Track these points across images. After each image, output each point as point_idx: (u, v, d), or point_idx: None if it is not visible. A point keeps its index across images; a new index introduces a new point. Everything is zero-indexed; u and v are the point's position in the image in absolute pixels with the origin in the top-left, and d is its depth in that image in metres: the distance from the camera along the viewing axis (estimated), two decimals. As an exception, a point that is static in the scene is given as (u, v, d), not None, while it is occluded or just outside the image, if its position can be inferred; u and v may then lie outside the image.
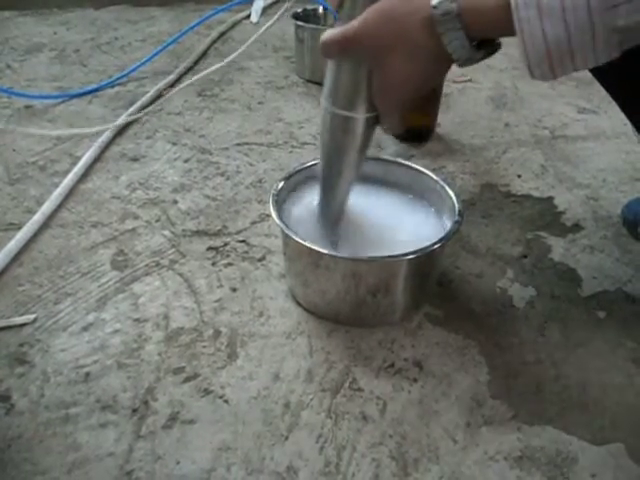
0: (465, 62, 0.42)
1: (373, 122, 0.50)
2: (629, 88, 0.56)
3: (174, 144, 0.90)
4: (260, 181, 0.81)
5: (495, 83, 1.15)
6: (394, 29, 0.42)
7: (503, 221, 0.73)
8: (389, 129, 0.50)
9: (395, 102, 0.46)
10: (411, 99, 0.46)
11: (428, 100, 0.89)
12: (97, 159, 0.85)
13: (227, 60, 0.91)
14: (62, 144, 0.90)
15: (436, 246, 0.52)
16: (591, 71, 0.59)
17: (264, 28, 1.02)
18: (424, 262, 0.55)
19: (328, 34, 0.45)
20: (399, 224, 0.60)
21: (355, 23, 0.43)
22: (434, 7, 0.40)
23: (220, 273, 0.64)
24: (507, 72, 1.20)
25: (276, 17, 1.14)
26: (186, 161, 0.86)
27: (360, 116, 0.49)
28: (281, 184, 0.59)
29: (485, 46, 0.42)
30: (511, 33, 0.38)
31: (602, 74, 0.59)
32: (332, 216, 0.58)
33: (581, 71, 0.39)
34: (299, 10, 1.17)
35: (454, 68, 0.47)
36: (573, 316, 0.58)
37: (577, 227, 0.72)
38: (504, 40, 0.43)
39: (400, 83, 0.44)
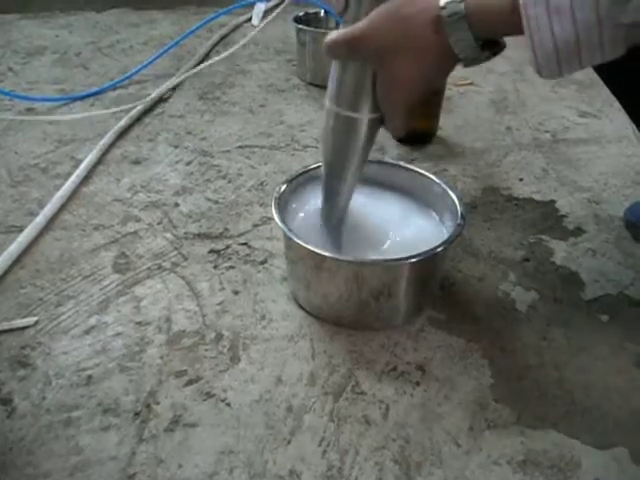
0: (471, 62, 0.43)
1: (377, 123, 0.50)
2: (633, 87, 0.56)
3: (176, 147, 0.90)
4: (262, 184, 0.81)
5: (496, 86, 1.15)
6: (401, 30, 0.42)
7: (505, 224, 0.73)
8: (393, 130, 0.50)
9: (400, 103, 0.46)
10: (415, 100, 0.46)
11: (430, 103, 0.89)
12: (99, 162, 0.85)
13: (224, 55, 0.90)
14: (64, 146, 0.90)
15: (439, 249, 0.52)
16: (595, 70, 0.59)
17: (262, 24, 1.02)
18: (427, 265, 0.55)
19: (334, 35, 0.45)
20: (400, 227, 0.60)
21: (361, 24, 0.44)
22: (442, 8, 0.40)
23: (222, 276, 0.63)
24: (508, 75, 1.20)
25: (274, 14, 1.15)
26: (188, 164, 0.86)
27: (364, 117, 0.49)
28: (283, 187, 0.59)
29: (491, 46, 0.43)
30: (519, 32, 0.38)
31: (606, 73, 0.59)
32: (335, 217, 0.58)
33: (583, 73, 0.39)
34: (301, 13, 1.18)
35: (455, 72, 0.47)
36: (576, 320, 0.58)
37: (579, 230, 0.72)
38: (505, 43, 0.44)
39: (405, 84, 0.45)
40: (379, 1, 0.44)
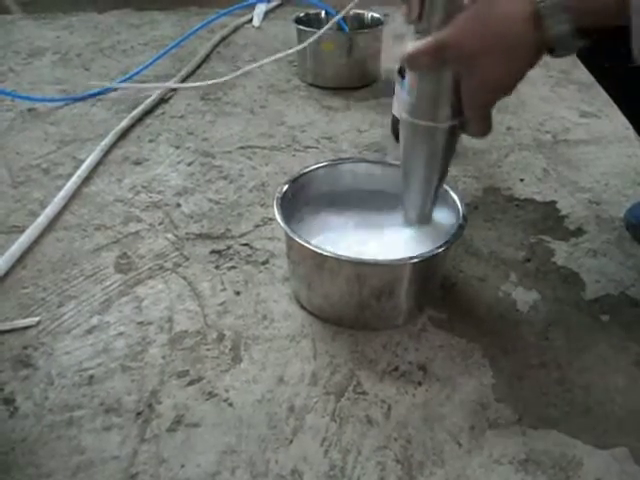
0: (562, 54, 0.42)
1: (456, 130, 0.50)
2: (630, 92, 0.56)
3: (177, 147, 0.90)
4: (263, 184, 0.81)
5: (497, 87, 1.15)
6: (492, 31, 0.42)
7: (506, 225, 0.73)
8: (477, 133, 0.49)
9: (487, 105, 0.46)
10: (500, 100, 0.46)
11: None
12: (100, 162, 0.85)
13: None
14: (65, 147, 0.90)
15: (440, 250, 0.52)
16: (593, 75, 0.60)
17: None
18: (428, 265, 0.55)
19: (414, 47, 0.45)
20: (401, 227, 0.60)
21: (447, 31, 0.43)
22: (539, 1, 0.40)
23: (224, 276, 0.64)
24: (509, 76, 1.20)
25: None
26: (189, 164, 0.86)
27: (444, 125, 0.49)
28: (285, 187, 0.59)
29: (583, 36, 0.42)
30: (623, 21, 0.37)
31: (604, 78, 0.59)
32: (420, 221, 0.58)
33: (584, 74, 0.39)
34: (301, 14, 1.18)
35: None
36: (577, 320, 0.58)
37: (580, 231, 0.72)
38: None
39: (494, 84, 0.44)
40: (452, 12, 0.44)
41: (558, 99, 1.09)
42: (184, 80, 1.14)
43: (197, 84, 1.06)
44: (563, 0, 0.39)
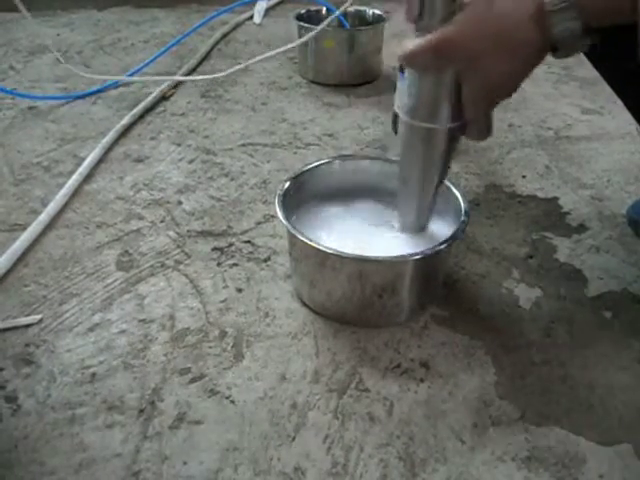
0: (568, 53, 0.42)
1: (456, 132, 0.49)
2: (636, 87, 0.56)
3: (178, 145, 0.90)
4: (265, 182, 0.81)
5: (498, 84, 1.15)
6: (494, 29, 0.41)
7: (508, 221, 0.73)
8: (478, 135, 0.49)
9: (489, 105, 0.45)
10: (502, 100, 0.45)
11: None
12: (101, 160, 0.85)
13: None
14: (66, 145, 0.90)
15: (442, 246, 0.52)
16: (598, 70, 0.59)
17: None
18: (430, 262, 0.55)
19: (414, 44, 0.44)
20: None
21: (448, 29, 0.42)
22: None
23: (225, 274, 0.63)
24: (510, 73, 1.20)
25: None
26: (190, 162, 0.86)
27: (443, 127, 0.48)
28: (287, 184, 0.59)
29: (590, 34, 0.41)
30: (632, 18, 0.37)
31: (609, 73, 0.59)
32: (415, 230, 0.58)
33: (586, 70, 0.39)
34: (302, 11, 1.17)
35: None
36: (579, 317, 0.58)
37: (582, 227, 0.72)
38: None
39: (497, 85, 0.43)
40: (453, 10, 0.43)
41: (560, 96, 1.09)
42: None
43: (198, 77, 1.07)
44: None
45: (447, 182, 0.60)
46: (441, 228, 0.58)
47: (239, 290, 0.61)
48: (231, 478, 0.43)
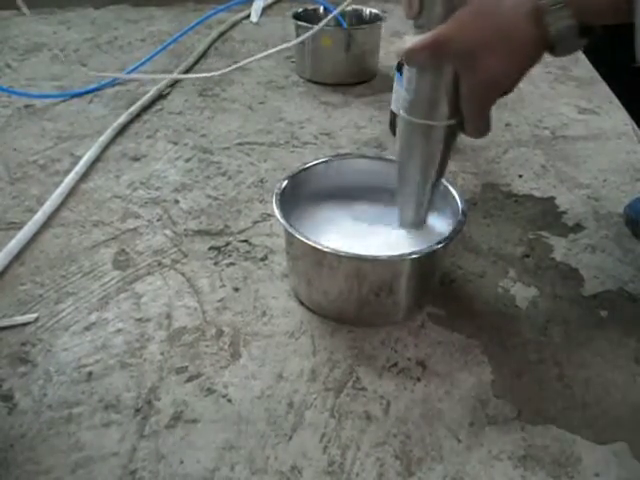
0: (565, 52, 0.42)
1: (454, 129, 0.49)
2: (634, 86, 0.56)
3: (175, 144, 0.90)
4: (261, 181, 0.81)
5: (495, 83, 1.15)
6: (493, 26, 0.41)
7: (505, 221, 0.73)
8: (475, 132, 0.49)
9: (486, 103, 0.45)
10: (499, 98, 0.45)
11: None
12: (98, 158, 0.85)
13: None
14: (63, 143, 0.90)
15: (439, 246, 0.52)
16: (596, 69, 0.59)
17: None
18: (427, 262, 0.55)
19: (413, 42, 0.44)
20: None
21: (446, 26, 0.43)
22: None
23: (222, 273, 0.63)
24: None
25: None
26: (187, 161, 0.85)
27: (441, 123, 0.48)
28: (284, 183, 0.59)
29: (586, 34, 0.41)
30: (626, 18, 0.37)
31: (607, 72, 0.59)
32: (413, 226, 0.58)
33: (582, 70, 0.39)
34: (300, 10, 1.17)
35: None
36: (575, 316, 0.58)
37: (579, 227, 0.72)
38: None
39: (495, 82, 0.43)
40: (452, 7, 0.43)
41: (557, 95, 1.09)
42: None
43: (195, 76, 1.06)
44: None
45: (445, 181, 0.60)
46: (438, 227, 0.58)
47: (236, 289, 0.61)
48: (228, 477, 0.43)
